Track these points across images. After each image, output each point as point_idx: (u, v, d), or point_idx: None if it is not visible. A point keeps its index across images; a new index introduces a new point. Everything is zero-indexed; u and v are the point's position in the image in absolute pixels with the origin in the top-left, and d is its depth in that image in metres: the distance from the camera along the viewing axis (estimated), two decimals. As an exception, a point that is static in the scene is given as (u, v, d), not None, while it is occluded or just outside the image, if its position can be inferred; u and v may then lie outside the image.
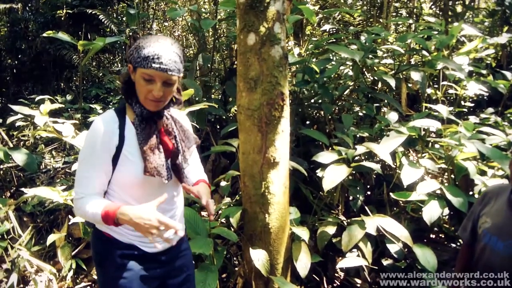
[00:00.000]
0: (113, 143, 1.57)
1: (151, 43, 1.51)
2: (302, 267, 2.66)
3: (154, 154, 1.58)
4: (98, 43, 3.64)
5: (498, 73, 4.62)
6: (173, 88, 1.57)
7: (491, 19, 6.88)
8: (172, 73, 1.51)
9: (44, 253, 3.45)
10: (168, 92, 1.56)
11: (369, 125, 3.93)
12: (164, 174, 1.60)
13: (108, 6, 8.13)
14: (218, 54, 6.20)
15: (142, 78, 1.52)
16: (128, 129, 1.61)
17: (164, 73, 1.49)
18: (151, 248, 1.68)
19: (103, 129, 1.56)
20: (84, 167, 1.60)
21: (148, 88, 1.52)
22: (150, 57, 1.48)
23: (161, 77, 1.50)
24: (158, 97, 1.53)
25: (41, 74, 7.69)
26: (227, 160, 4.29)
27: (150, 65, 1.48)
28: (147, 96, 1.54)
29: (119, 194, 1.64)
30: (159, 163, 1.59)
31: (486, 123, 3.86)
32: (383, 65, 4.56)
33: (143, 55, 1.49)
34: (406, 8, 8.12)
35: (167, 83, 1.53)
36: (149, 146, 1.58)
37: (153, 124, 1.63)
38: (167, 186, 1.69)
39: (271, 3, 2.51)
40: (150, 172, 1.56)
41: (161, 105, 1.59)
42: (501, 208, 1.76)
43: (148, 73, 1.49)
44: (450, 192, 2.91)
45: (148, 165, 1.56)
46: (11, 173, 4.51)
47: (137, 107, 1.60)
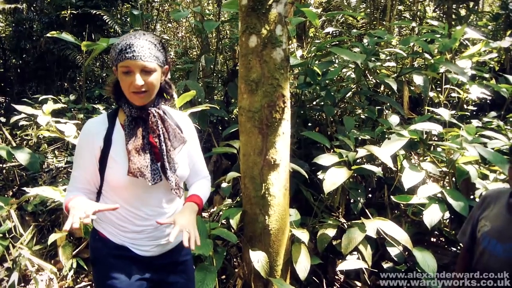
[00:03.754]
0: (96, 145, 1.59)
1: (124, 38, 1.54)
2: (301, 269, 2.66)
3: (139, 155, 1.57)
4: (101, 44, 3.65)
5: (501, 77, 4.60)
6: (154, 77, 1.55)
7: (494, 23, 6.87)
8: (147, 60, 1.50)
9: (45, 252, 3.47)
10: (150, 83, 1.54)
11: (371, 128, 3.93)
12: (148, 176, 1.57)
13: (112, 7, 8.18)
14: (221, 56, 6.21)
15: (121, 73, 1.52)
16: (117, 132, 1.63)
17: (139, 61, 1.49)
18: (143, 251, 1.68)
19: (88, 131, 1.62)
20: (73, 166, 1.68)
21: (128, 81, 1.52)
22: (123, 49, 1.49)
23: (137, 66, 1.50)
24: (139, 87, 1.51)
25: (45, 74, 7.74)
26: (228, 161, 4.30)
27: (124, 57, 1.49)
28: (130, 90, 1.53)
29: (111, 195, 1.66)
30: (143, 164, 1.57)
31: (489, 127, 3.85)
32: (386, 68, 4.56)
33: (117, 50, 1.51)
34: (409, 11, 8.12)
35: (145, 71, 1.52)
36: (134, 146, 1.57)
37: (141, 125, 1.61)
38: (157, 190, 1.66)
39: (273, 6, 2.51)
40: (133, 173, 1.55)
41: (147, 97, 1.57)
42: (500, 212, 1.75)
43: (124, 65, 1.50)
44: (451, 195, 2.90)
45: (131, 165, 1.55)
46: (13, 172, 4.54)
47: (126, 107, 1.60)
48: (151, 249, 1.70)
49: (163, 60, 1.59)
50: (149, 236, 1.68)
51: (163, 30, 10.92)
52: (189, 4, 8.98)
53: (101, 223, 1.72)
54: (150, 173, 1.58)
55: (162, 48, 1.60)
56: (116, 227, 1.66)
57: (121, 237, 1.67)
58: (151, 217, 1.66)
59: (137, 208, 1.64)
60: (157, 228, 1.68)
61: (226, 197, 3.48)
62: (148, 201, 1.65)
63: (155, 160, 1.62)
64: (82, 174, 1.65)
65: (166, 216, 1.70)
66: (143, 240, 1.68)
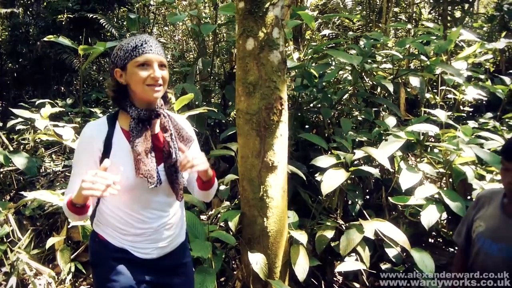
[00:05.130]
0: (95, 149, 1.59)
1: (131, 38, 1.58)
2: (300, 271, 2.67)
3: (147, 157, 1.58)
4: (98, 48, 3.65)
5: (497, 78, 4.64)
6: (166, 73, 1.60)
7: (489, 25, 6.91)
8: (162, 55, 1.58)
9: (43, 256, 3.45)
10: (164, 77, 1.58)
11: (368, 130, 3.95)
12: (155, 178, 1.58)
13: (109, 11, 8.18)
14: (218, 59, 6.23)
15: (137, 68, 1.54)
16: (117, 136, 1.62)
17: (156, 55, 1.55)
18: (143, 254, 1.68)
19: (87, 135, 1.62)
20: (72, 169, 1.68)
21: (145, 75, 1.54)
22: (139, 45, 1.54)
23: (156, 59, 1.55)
24: (158, 78, 1.54)
25: (42, 78, 7.73)
26: (226, 164, 4.31)
27: (142, 51, 1.53)
28: (146, 82, 1.54)
29: (111, 199, 1.65)
30: (152, 166, 1.58)
31: (485, 127, 3.87)
32: (382, 70, 4.58)
33: (130, 48, 1.54)
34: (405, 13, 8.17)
35: (161, 66, 1.57)
36: (144, 148, 1.58)
37: (148, 127, 1.62)
38: (157, 193, 1.65)
39: (270, 9, 2.53)
40: (144, 174, 1.55)
41: (161, 91, 1.59)
42: (494, 212, 1.77)
43: (142, 59, 1.53)
44: (448, 196, 2.91)
45: (142, 167, 1.55)
46: (11, 177, 4.52)
47: (133, 110, 1.60)
48: (151, 251, 1.70)
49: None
50: (149, 239, 1.68)
51: (159, 34, 10.92)
52: (186, 8, 9.00)
53: (101, 226, 1.71)
54: (156, 175, 1.59)
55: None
56: (116, 230, 1.67)
57: (121, 240, 1.67)
58: (151, 220, 1.66)
59: (137, 212, 1.64)
60: (157, 231, 1.68)
61: (224, 200, 3.49)
62: (148, 204, 1.65)
63: (157, 163, 1.63)
64: (81, 177, 1.64)
65: (166, 220, 1.70)
66: (143, 243, 1.68)
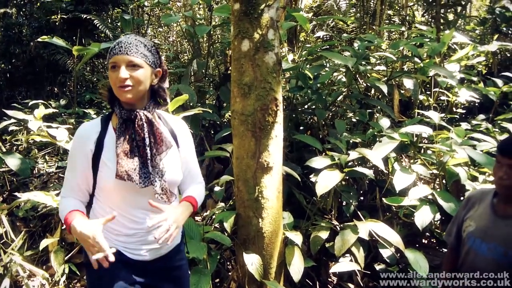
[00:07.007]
0: (88, 148, 1.60)
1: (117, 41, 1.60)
2: (295, 272, 2.67)
3: (127, 158, 1.57)
4: (93, 49, 3.65)
5: (489, 80, 4.68)
6: (141, 73, 1.55)
7: (482, 27, 6.99)
8: (132, 54, 1.53)
9: (37, 258, 3.43)
10: (136, 77, 1.54)
11: (362, 131, 3.97)
12: (137, 179, 1.56)
13: (102, 12, 8.13)
14: (212, 60, 6.24)
15: (110, 70, 1.56)
16: (109, 136, 1.63)
17: (124, 55, 1.53)
18: (136, 255, 1.68)
19: (80, 135, 1.64)
20: (67, 170, 1.70)
21: (114, 76, 1.54)
22: (112, 47, 1.57)
23: (123, 60, 1.53)
24: (123, 80, 1.52)
25: (35, 78, 7.66)
26: (221, 165, 4.30)
27: (112, 53, 1.55)
28: (116, 85, 1.55)
29: (103, 199, 1.66)
30: (131, 167, 1.56)
31: (477, 129, 3.91)
32: (376, 72, 4.61)
33: (109, 51, 1.57)
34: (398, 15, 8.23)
35: (131, 66, 1.54)
36: (123, 149, 1.57)
37: (131, 128, 1.61)
38: (147, 194, 1.62)
39: (265, 10, 2.54)
40: (120, 176, 1.54)
41: (132, 93, 1.55)
42: (484, 211, 1.78)
43: (111, 61, 1.55)
44: (442, 197, 2.94)
45: (119, 168, 1.54)
46: (4, 178, 4.48)
47: (117, 109, 1.62)
48: (144, 253, 1.69)
49: (153, 61, 1.61)
50: (141, 239, 1.67)
51: (154, 35, 10.91)
52: (180, 9, 8.99)
53: None
54: (138, 176, 1.57)
55: (155, 51, 1.63)
56: (108, 230, 1.66)
57: (113, 241, 1.66)
58: (142, 220, 1.65)
59: (127, 212, 1.64)
60: (149, 232, 1.67)
61: (219, 201, 3.49)
62: (138, 205, 1.65)
63: (145, 164, 1.61)
64: (75, 178, 1.66)
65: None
66: (136, 244, 1.68)
